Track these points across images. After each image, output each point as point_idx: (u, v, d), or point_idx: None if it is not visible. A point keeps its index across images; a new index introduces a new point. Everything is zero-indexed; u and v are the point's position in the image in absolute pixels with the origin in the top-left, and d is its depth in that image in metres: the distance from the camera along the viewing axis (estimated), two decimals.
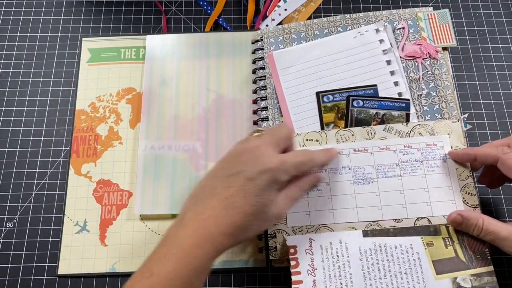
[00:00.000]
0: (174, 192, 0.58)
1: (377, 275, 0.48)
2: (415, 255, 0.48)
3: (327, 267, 0.49)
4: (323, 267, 0.49)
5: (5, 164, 0.61)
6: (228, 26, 0.68)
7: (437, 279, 0.47)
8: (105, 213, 0.58)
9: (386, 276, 0.48)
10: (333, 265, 0.49)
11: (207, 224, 0.41)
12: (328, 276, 0.49)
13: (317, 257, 0.50)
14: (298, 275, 0.49)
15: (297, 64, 0.61)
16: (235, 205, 0.42)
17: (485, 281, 0.47)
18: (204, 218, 0.42)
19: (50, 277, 0.56)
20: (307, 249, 0.50)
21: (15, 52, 0.67)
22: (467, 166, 0.52)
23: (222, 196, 0.42)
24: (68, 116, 0.63)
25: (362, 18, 0.62)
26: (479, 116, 0.62)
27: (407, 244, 0.49)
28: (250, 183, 0.43)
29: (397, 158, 0.53)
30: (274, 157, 0.44)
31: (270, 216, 0.44)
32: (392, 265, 0.48)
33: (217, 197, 0.43)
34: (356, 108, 0.57)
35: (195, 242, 0.40)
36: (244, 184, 0.43)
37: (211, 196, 0.43)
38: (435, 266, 0.48)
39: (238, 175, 0.43)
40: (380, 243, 0.49)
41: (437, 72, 0.58)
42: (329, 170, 0.54)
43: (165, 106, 0.62)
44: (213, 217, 0.41)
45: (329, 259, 0.49)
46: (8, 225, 0.58)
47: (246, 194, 0.42)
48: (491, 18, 0.67)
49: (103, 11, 0.69)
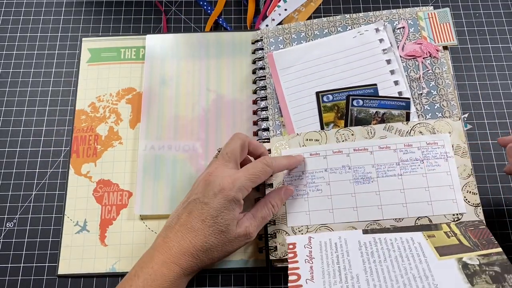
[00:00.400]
0: (174, 192, 0.58)
1: (376, 259, 0.46)
2: (416, 244, 0.47)
3: (325, 256, 0.48)
4: (321, 256, 0.48)
5: (5, 164, 0.61)
6: (228, 26, 0.68)
7: (440, 259, 0.45)
8: (105, 213, 0.58)
9: (386, 260, 0.46)
10: (332, 255, 0.48)
11: (171, 246, 0.46)
12: (326, 263, 0.47)
13: (315, 249, 0.49)
14: (295, 263, 0.47)
15: (297, 64, 0.61)
16: (194, 228, 0.46)
17: (494, 259, 0.44)
18: (170, 241, 0.46)
19: (50, 277, 0.56)
20: (306, 244, 0.50)
21: (15, 52, 0.67)
22: (469, 164, 0.52)
23: (184, 221, 0.47)
24: (68, 116, 0.63)
25: (362, 18, 0.62)
26: (479, 116, 0.62)
27: (408, 237, 0.48)
28: (206, 206, 0.46)
29: (397, 157, 0.53)
30: (226, 177, 0.47)
31: (234, 235, 0.47)
32: (392, 252, 0.46)
33: (180, 222, 0.47)
34: (356, 107, 0.57)
35: (163, 262, 0.45)
36: (202, 209, 0.47)
37: (176, 222, 0.48)
38: (438, 250, 0.46)
39: (196, 201, 0.48)
40: (380, 237, 0.48)
41: (437, 71, 0.58)
42: (329, 170, 0.54)
43: (165, 106, 0.62)
44: (176, 240, 0.46)
45: (328, 250, 0.48)
46: (8, 225, 0.58)
47: (204, 218, 0.46)
48: (491, 18, 0.67)
49: (103, 11, 0.69)
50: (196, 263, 0.46)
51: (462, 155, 0.53)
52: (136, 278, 0.45)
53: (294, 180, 0.54)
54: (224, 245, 0.47)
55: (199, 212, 0.47)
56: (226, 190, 0.46)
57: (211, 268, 0.55)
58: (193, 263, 0.46)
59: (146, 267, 0.45)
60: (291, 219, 0.53)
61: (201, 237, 0.46)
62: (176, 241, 0.46)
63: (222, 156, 0.50)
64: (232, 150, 0.50)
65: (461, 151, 0.53)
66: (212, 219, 0.46)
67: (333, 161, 0.54)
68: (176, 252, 0.45)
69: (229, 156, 0.50)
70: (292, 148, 0.56)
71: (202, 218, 0.46)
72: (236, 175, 0.47)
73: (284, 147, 0.56)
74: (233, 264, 0.55)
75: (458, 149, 0.53)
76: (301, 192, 0.53)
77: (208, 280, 0.56)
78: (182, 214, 0.48)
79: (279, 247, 0.52)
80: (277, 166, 0.51)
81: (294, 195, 0.53)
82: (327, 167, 0.54)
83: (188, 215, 0.47)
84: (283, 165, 0.52)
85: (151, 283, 0.44)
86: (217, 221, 0.46)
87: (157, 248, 0.46)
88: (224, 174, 0.48)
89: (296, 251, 0.49)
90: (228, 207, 0.46)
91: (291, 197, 0.53)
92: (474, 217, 0.50)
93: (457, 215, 0.51)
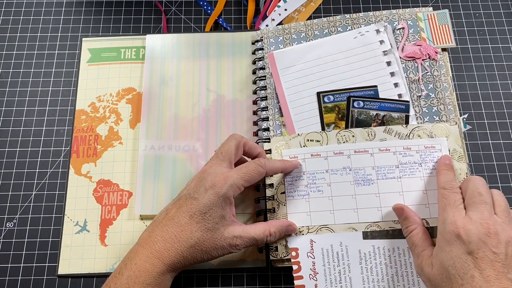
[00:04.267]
0: (174, 192, 0.58)
1: (375, 278, 0.50)
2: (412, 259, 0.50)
3: (328, 271, 0.50)
4: (324, 271, 0.50)
5: (5, 164, 0.61)
6: (228, 26, 0.68)
7: None
8: (105, 213, 0.58)
9: (383, 279, 0.50)
10: (334, 269, 0.50)
11: (156, 241, 0.46)
12: (329, 281, 0.50)
13: (318, 261, 0.51)
14: (300, 280, 0.50)
15: (298, 64, 0.61)
16: (180, 223, 0.46)
17: None
18: (155, 235, 0.46)
19: (50, 277, 0.56)
20: (308, 252, 0.51)
21: (15, 52, 0.67)
22: (464, 168, 0.53)
23: (171, 216, 0.47)
24: (68, 116, 0.63)
25: (362, 18, 0.62)
26: (479, 116, 0.62)
27: (405, 247, 0.50)
28: (195, 202, 0.47)
29: (397, 160, 0.53)
30: (219, 175, 0.48)
31: (220, 237, 0.47)
32: (389, 269, 0.50)
33: (168, 217, 0.47)
34: (356, 109, 0.57)
35: (146, 257, 0.45)
36: (191, 204, 0.47)
37: (163, 217, 0.48)
38: None
39: (186, 196, 0.48)
40: (379, 246, 0.51)
41: (436, 74, 0.58)
42: (330, 171, 0.54)
43: (165, 106, 0.62)
44: (161, 235, 0.46)
45: (330, 263, 0.51)
46: (8, 225, 0.58)
47: (192, 213, 0.46)
48: (491, 18, 0.67)
49: (103, 11, 0.69)
50: (180, 260, 0.46)
51: (458, 159, 0.53)
52: (120, 275, 0.45)
53: (295, 181, 0.54)
54: (209, 246, 0.47)
55: (188, 207, 0.47)
56: (217, 186, 0.47)
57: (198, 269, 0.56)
58: (176, 260, 0.45)
59: (130, 263, 0.45)
60: (292, 219, 0.53)
61: (187, 232, 0.46)
62: (161, 236, 0.46)
63: (217, 155, 0.51)
64: (227, 150, 0.51)
65: (457, 155, 0.53)
66: (200, 215, 0.46)
67: (334, 162, 0.54)
68: (160, 247, 0.45)
69: (223, 156, 0.50)
70: (292, 148, 0.56)
71: (191, 214, 0.46)
72: (229, 173, 0.48)
73: (284, 147, 0.56)
74: (233, 264, 0.56)
75: (455, 153, 0.53)
76: (302, 193, 0.54)
77: (208, 280, 0.56)
78: (171, 209, 0.48)
79: (279, 247, 0.52)
80: (270, 167, 0.51)
81: (295, 195, 0.54)
82: (328, 168, 0.54)
83: (177, 210, 0.47)
84: (277, 167, 0.52)
85: (135, 280, 0.44)
86: (205, 218, 0.46)
87: (142, 243, 0.47)
88: (217, 172, 0.48)
89: (300, 262, 0.51)
90: (218, 204, 0.46)
91: (292, 198, 0.54)
92: None
93: None
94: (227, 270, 0.56)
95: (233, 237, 0.47)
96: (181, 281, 0.56)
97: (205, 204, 0.46)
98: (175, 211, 0.47)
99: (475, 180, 0.46)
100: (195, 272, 0.56)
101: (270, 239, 0.50)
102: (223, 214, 0.47)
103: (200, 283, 0.56)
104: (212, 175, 0.48)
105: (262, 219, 0.56)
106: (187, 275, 0.56)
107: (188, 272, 0.56)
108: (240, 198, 0.57)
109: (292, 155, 0.55)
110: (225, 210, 0.47)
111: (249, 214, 0.57)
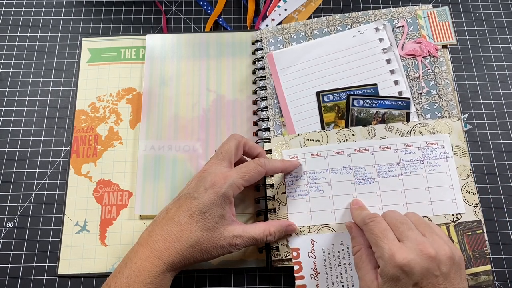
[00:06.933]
0: (174, 192, 0.58)
1: None
2: None
3: (330, 270, 0.50)
4: (325, 271, 0.50)
5: (5, 164, 0.61)
6: (228, 26, 0.68)
7: None
8: (105, 213, 0.58)
9: None
10: (335, 269, 0.50)
11: (156, 240, 0.46)
12: (331, 280, 0.50)
13: (319, 261, 0.51)
14: (302, 280, 0.50)
15: (297, 63, 0.61)
16: (180, 222, 0.46)
17: (481, 280, 0.48)
18: (155, 235, 0.47)
19: (50, 277, 0.56)
20: (309, 252, 0.51)
21: (15, 52, 0.67)
22: (468, 165, 0.52)
23: (171, 215, 0.47)
24: (68, 116, 0.63)
25: (361, 16, 0.62)
26: (479, 116, 0.62)
27: None
28: (195, 201, 0.47)
29: (398, 158, 0.53)
30: (218, 174, 0.48)
31: (220, 237, 0.47)
32: None
33: (167, 216, 0.48)
34: (356, 107, 0.57)
35: (146, 256, 0.45)
36: (191, 203, 0.47)
37: (163, 216, 0.48)
38: None
39: (186, 196, 0.48)
40: None
41: (437, 70, 0.58)
42: (330, 170, 0.54)
43: (165, 106, 0.62)
44: (161, 234, 0.46)
45: (331, 263, 0.50)
46: (8, 225, 0.58)
47: (192, 213, 0.47)
48: (491, 18, 0.67)
49: (103, 11, 0.69)
50: (180, 259, 0.46)
51: (462, 156, 0.53)
52: (120, 275, 0.45)
53: (296, 180, 0.54)
54: (209, 245, 0.47)
55: (188, 207, 0.47)
56: (217, 186, 0.47)
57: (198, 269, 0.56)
58: (176, 259, 0.46)
59: (130, 263, 0.45)
60: (292, 219, 0.53)
61: (187, 231, 0.46)
62: (161, 235, 0.46)
63: (217, 155, 0.51)
64: (227, 149, 0.51)
65: (461, 151, 0.53)
66: (200, 215, 0.46)
67: (334, 162, 0.54)
68: (160, 246, 0.46)
69: (223, 155, 0.50)
70: (293, 148, 0.56)
71: (190, 213, 0.46)
72: (228, 172, 0.48)
73: (285, 147, 0.56)
74: (233, 264, 0.55)
75: (458, 149, 0.53)
76: (303, 193, 0.53)
77: (208, 280, 0.56)
78: (171, 209, 0.48)
79: (281, 247, 0.52)
80: (270, 167, 0.51)
81: (295, 195, 0.54)
82: (328, 167, 0.54)
83: (177, 209, 0.48)
84: (277, 167, 0.52)
85: (135, 279, 0.44)
86: (205, 217, 0.46)
87: (142, 242, 0.47)
88: (217, 171, 0.49)
89: (301, 262, 0.51)
90: (218, 203, 0.47)
91: (293, 197, 0.53)
92: (473, 217, 0.50)
93: (456, 215, 0.51)
94: (227, 270, 0.56)
95: (233, 236, 0.47)
96: (181, 281, 0.56)
97: (205, 203, 0.46)
98: (175, 211, 0.48)
99: (389, 213, 0.46)
100: (195, 272, 0.56)
101: (270, 239, 0.50)
102: (223, 214, 0.47)
103: (200, 283, 0.56)
104: (212, 175, 0.48)
105: (262, 219, 0.56)
106: (187, 275, 0.56)
107: (188, 272, 0.56)
108: (240, 198, 0.57)
109: (292, 155, 0.55)
110: (225, 209, 0.47)
111: (249, 214, 0.57)
